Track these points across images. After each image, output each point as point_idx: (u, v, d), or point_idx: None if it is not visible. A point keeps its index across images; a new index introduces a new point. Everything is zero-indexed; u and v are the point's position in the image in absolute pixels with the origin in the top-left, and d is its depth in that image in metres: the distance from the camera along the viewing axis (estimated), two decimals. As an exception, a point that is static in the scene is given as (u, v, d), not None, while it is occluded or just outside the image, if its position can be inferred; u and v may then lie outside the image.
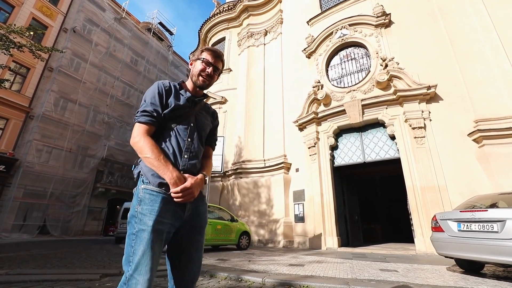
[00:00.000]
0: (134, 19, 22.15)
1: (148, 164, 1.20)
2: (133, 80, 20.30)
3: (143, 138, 1.22)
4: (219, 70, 1.46)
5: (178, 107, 1.33)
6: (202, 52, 1.45)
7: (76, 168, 16.29)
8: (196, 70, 1.41)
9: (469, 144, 6.10)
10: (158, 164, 1.17)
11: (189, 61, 1.53)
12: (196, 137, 1.37)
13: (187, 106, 1.37)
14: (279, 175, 9.11)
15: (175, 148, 1.28)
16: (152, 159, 1.17)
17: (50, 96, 15.14)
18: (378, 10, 8.12)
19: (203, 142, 1.43)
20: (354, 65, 8.53)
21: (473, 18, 6.75)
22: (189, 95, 1.40)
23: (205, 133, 1.46)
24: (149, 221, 1.11)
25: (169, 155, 1.25)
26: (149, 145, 1.20)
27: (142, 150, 1.20)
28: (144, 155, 1.20)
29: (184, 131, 1.34)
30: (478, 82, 6.29)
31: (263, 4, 12.58)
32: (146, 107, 1.28)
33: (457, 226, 3.50)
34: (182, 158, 1.28)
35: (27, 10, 15.32)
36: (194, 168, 1.31)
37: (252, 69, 11.71)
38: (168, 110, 1.31)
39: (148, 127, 1.26)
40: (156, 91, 1.33)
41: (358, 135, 7.92)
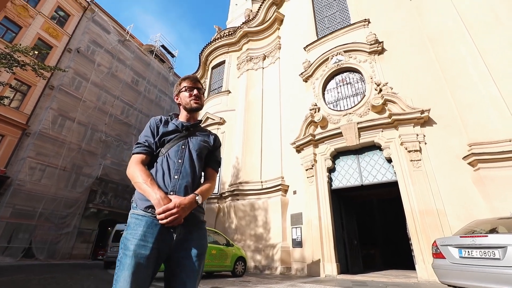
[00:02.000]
0: (137, 42, 22.91)
1: (138, 189, 1.23)
2: (133, 100, 20.56)
3: (135, 165, 1.29)
4: (202, 89, 1.57)
5: (166, 133, 1.40)
6: (180, 83, 1.57)
7: (69, 187, 15.93)
8: (185, 99, 1.51)
9: (465, 167, 6.14)
10: (145, 187, 1.19)
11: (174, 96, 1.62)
12: (188, 158, 1.38)
13: (177, 130, 1.43)
14: (277, 197, 8.99)
15: (165, 170, 1.31)
16: (140, 183, 1.21)
17: (49, 114, 15.20)
18: (371, 38, 8.52)
19: (197, 163, 1.41)
20: (350, 89, 8.77)
21: (460, 46, 7.09)
22: (179, 122, 1.48)
23: (201, 154, 1.45)
24: (131, 245, 1.09)
25: (158, 178, 1.28)
26: (139, 171, 1.25)
27: (133, 176, 1.25)
28: (134, 181, 1.24)
29: (175, 154, 1.37)
30: (469, 107, 6.46)
31: (262, 30, 13.16)
32: (139, 140, 1.39)
33: (458, 252, 3.42)
34: (172, 179, 1.29)
35: (34, 30, 15.82)
36: (186, 189, 1.28)
37: (251, 91, 11.97)
38: (158, 136, 1.39)
39: (141, 156, 1.33)
40: (148, 126, 1.43)
41: (355, 157, 7.95)
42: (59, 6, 17.49)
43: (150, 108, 21.79)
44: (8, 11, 14.79)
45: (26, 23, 15.53)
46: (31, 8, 15.82)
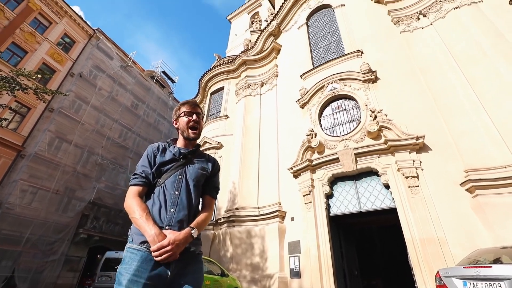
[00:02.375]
0: (139, 67, 23.63)
1: (134, 224, 1.23)
2: (131, 123, 20.71)
3: (132, 199, 1.28)
4: (201, 114, 1.57)
5: (163, 163, 1.39)
6: (180, 108, 1.56)
7: (60, 211, 15.42)
8: (183, 125, 1.50)
9: (463, 194, 6.11)
10: (141, 222, 1.18)
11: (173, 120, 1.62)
12: (185, 189, 1.36)
13: (174, 159, 1.42)
14: (274, 224, 8.76)
15: (162, 202, 1.29)
16: (136, 219, 1.20)
17: (46, 136, 15.15)
18: (365, 68, 8.89)
19: (194, 194, 1.40)
20: (346, 115, 8.97)
21: (450, 76, 7.41)
22: (177, 150, 1.46)
23: (198, 183, 1.44)
24: (124, 280, 1.08)
25: (155, 211, 1.27)
26: (135, 205, 1.24)
27: (129, 210, 1.25)
28: (131, 216, 1.24)
29: (171, 185, 1.35)
30: (462, 134, 6.59)
31: (260, 59, 13.71)
32: (137, 171, 1.38)
33: (463, 284, 3.30)
34: (168, 212, 1.27)
35: (39, 55, 16.31)
36: (181, 222, 1.27)
37: (249, 116, 12.16)
38: (155, 167, 1.38)
39: (139, 188, 1.32)
40: (145, 155, 1.44)
41: (353, 183, 7.91)
42: (66, 34, 18.23)
43: (148, 132, 21.89)
44: (16, 37, 15.35)
45: (32, 48, 16.06)
46: (39, 35, 16.46)
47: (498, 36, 7.10)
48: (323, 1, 12.17)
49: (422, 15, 8.98)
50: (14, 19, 15.36)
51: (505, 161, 5.75)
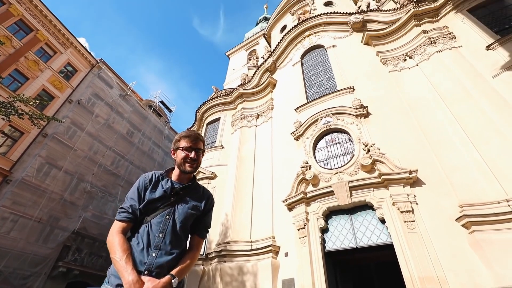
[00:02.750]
0: (137, 97, 24.16)
1: (113, 264, 1.18)
2: (125, 151, 20.57)
3: (115, 236, 1.21)
4: (201, 149, 1.51)
5: (152, 200, 1.31)
6: (179, 140, 1.49)
7: (40, 241, 14.53)
8: (179, 159, 1.45)
9: (460, 230, 6.00)
10: (119, 265, 1.13)
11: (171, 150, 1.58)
12: (170, 232, 1.28)
13: (164, 197, 1.34)
14: (267, 259, 8.34)
15: (145, 243, 1.23)
16: (116, 261, 1.15)
17: (36, 161, 14.84)
18: (357, 103, 9.25)
19: (181, 235, 1.32)
20: (339, 148, 9.10)
21: (438, 112, 7.72)
22: (169, 186, 1.38)
23: (186, 224, 1.36)
24: None
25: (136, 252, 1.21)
26: (118, 245, 1.18)
27: (111, 249, 1.19)
28: (111, 255, 1.18)
29: (156, 226, 1.27)
30: (454, 168, 6.68)
31: (256, 93, 14.21)
32: (125, 204, 1.32)
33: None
34: (149, 255, 1.21)
35: (40, 82, 16.65)
36: (161, 268, 1.19)
37: (244, 147, 12.23)
38: (142, 205, 1.30)
39: (124, 224, 1.26)
40: (136, 186, 1.36)
41: (348, 217, 7.75)
42: (69, 62, 18.86)
43: (141, 160, 21.68)
44: (20, 64, 15.79)
45: (34, 75, 16.45)
46: (42, 63, 16.98)
47: (478, 77, 7.59)
48: (316, 42, 13.05)
49: (408, 57, 9.64)
50: (20, 48, 15.93)
51: (498, 197, 5.77)
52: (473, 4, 9.07)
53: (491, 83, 7.30)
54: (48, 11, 17.43)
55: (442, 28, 9.34)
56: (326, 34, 12.95)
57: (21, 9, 16.23)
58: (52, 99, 17.11)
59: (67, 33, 18.62)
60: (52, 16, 17.69)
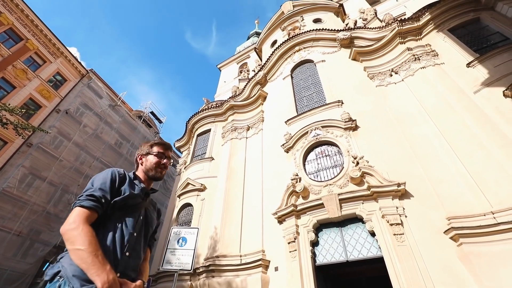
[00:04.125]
0: (127, 107, 23.91)
1: (77, 259, 0.92)
2: (113, 161, 20.12)
3: (82, 225, 0.99)
4: (171, 159, 1.52)
5: (132, 196, 1.23)
6: (153, 146, 1.49)
7: (19, 256, 13.78)
8: (150, 164, 1.43)
9: (449, 242, 6.03)
10: (93, 260, 0.90)
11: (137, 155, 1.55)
12: (142, 234, 1.24)
13: (140, 196, 1.29)
14: (257, 274, 8.12)
15: (117, 242, 1.08)
16: (87, 253, 0.91)
17: (19, 172, 14.29)
18: (346, 117, 9.42)
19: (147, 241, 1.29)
20: (329, 161, 9.16)
21: (424, 126, 7.94)
22: (143, 186, 1.36)
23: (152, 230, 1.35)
24: None
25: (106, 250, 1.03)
26: (87, 235, 0.96)
27: (76, 239, 0.94)
28: (75, 247, 0.93)
29: (132, 223, 1.18)
30: (441, 181, 6.81)
31: (247, 105, 14.32)
32: (94, 192, 1.14)
33: None
34: (123, 255, 1.07)
35: (27, 91, 16.30)
36: (134, 271, 1.11)
37: (234, 158, 12.17)
38: (121, 198, 1.19)
39: (91, 213, 1.07)
40: (109, 177, 1.22)
41: (339, 230, 7.71)
42: (58, 72, 18.62)
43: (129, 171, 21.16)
44: (7, 72, 15.48)
45: (21, 84, 16.11)
46: (31, 72, 16.69)
47: (460, 93, 7.89)
48: (306, 57, 13.39)
49: (394, 72, 9.98)
50: (8, 56, 15.67)
51: (483, 209, 5.87)
52: (453, 24, 9.57)
53: (473, 98, 7.60)
54: (39, 21, 17.34)
55: (425, 45, 9.77)
56: (315, 50, 13.32)
57: (11, 18, 16.09)
58: (39, 108, 16.73)
59: (57, 42, 18.49)
60: (43, 26, 17.59)
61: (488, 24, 8.96)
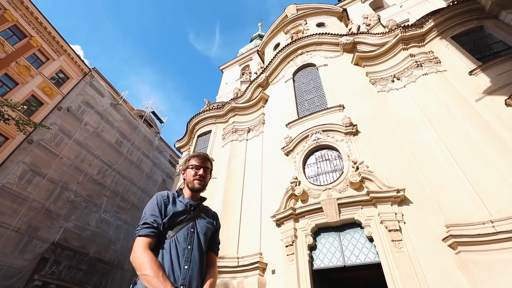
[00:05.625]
0: (129, 106, 23.98)
1: (145, 282, 1.08)
2: (112, 160, 20.14)
3: (144, 253, 1.15)
4: (209, 169, 1.57)
5: (177, 213, 1.33)
6: (189, 160, 1.57)
7: (17, 252, 13.77)
8: (189, 177, 1.51)
9: (447, 250, 6.00)
10: (156, 282, 1.05)
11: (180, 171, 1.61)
12: (197, 244, 1.30)
13: (186, 211, 1.37)
14: (254, 277, 8.09)
15: (174, 257, 1.20)
16: (151, 277, 1.06)
17: (19, 168, 14.31)
18: (346, 121, 9.42)
19: (204, 248, 1.35)
20: (329, 165, 9.15)
21: (425, 132, 7.94)
22: (188, 200, 1.44)
23: (207, 237, 1.40)
24: None
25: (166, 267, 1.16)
26: (149, 261, 1.11)
27: (141, 266, 1.10)
28: (142, 272, 1.09)
29: (184, 238, 1.28)
30: (441, 188, 6.79)
31: (248, 107, 14.34)
32: (147, 219, 1.26)
33: None
34: (182, 269, 1.18)
35: (29, 87, 16.37)
36: (195, 281, 1.19)
37: (234, 160, 12.17)
38: (168, 218, 1.30)
39: (150, 239, 1.21)
40: (155, 202, 1.33)
41: (337, 235, 7.68)
42: (61, 70, 18.71)
43: (129, 170, 21.22)
44: (10, 69, 15.56)
45: (24, 81, 16.19)
46: (33, 69, 16.77)
47: (462, 100, 7.90)
48: (308, 61, 13.42)
49: (396, 78, 9.99)
50: (12, 53, 15.76)
51: (482, 217, 5.86)
52: (456, 32, 9.59)
53: (474, 106, 7.60)
54: (43, 18, 17.45)
55: (428, 52, 9.79)
56: (318, 54, 13.36)
57: (16, 15, 16.19)
58: (41, 105, 16.79)
59: (61, 40, 18.59)
60: (47, 23, 17.70)
61: (492, 33, 8.97)
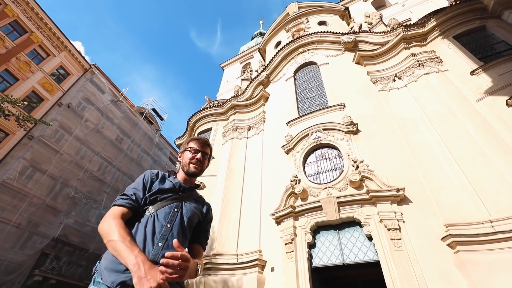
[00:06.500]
0: (129, 103, 23.94)
1: (110, 249, 0.99)
2: (113, 157, 20.15)
3: (111, 219, 1.06)
4: (208, 155, 1.49)
5: (162, 190, 1.28)
6: (189, 142, 1.50)
7: (17, 248, 13.83)
8: (186, 160, 1.44)
9: (446, 249, 6.02)
10: (121, 247, 0.94)
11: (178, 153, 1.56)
12: (178, 224, 1.22)
13: (173, 190, 1.32)
14: (253, 274, 8.13)
15: (148, 233, 1.11)
16: (115, 242, 0.97)
17: (19, 164, 14.33)
18: (347, 120, 9.41)
19: (187, 233, 1.26)
20: (329, 163, 9.16)
21: (425, 132, 7.93)
22: (177, 181, 1.37)
23: (192, 222, 1.32)
24: None
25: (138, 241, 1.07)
26: (116, 227, 1.02)
27: (107, 232, 1.02)
28: (108, 239, 1.00)
29: (164, 216, 1.20)
30: (440, 188, 6.80)
31: (249, 105, 14.33)
32: (127, 191, 1.24)
33: None
34: (155, 246, 1.09)
35: (30, 83, 16.34)
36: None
37: (234, 158, 12.18)
38: (151, 193, 1.25)
39: (124, 209, 1.15)
40: (142, 178, 1.31)
41: (336, 233, 7.71)
42: (61, 66, 18.67)
43: (129, 167, 21.24)
44: (11, 64, 15.52)
45: (24, 76, 16.16)
46: (34, 65, 16.74)
47: (463, 100, 7.89)
48: (309, 59, 13.39)
49: (397, 78, 9.97)
50: (12, 48, 15.71)
51: (482, 217, 5.87)
52: (458, 32, 9.55)
53: (475, 106, 7.59)
54: (44, 14, 17.38)
55: (430, 52, 9.76)
56: (319, 52, 13.32)
57: (16, 11, 16.13)
58: (41, 101, 16.78)
59: (61, 36, 18.52)
60: (48, 19, 17.63)
61: (494, 33, 8.94)
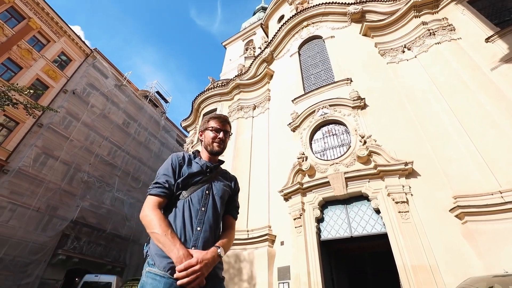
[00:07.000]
0: (133, 87, 23.84)
1: (155, 241, 1.11)
2: (121, 141, 20.46)
3: (152, 211, 1.16)
4: (229, 132, 1.51)
5: (191, 174, 1.31)
6: (209, 121, 1.50)
7: (39, 230, 14.61)
8: (208, 139, 1.45)
9: (453, 220, 6.12)
10: (165, 240, 1.06)
11: (198, 132, 1.57)
12: (211, 206, 1.28)
13: (202, 172, 1.34)
14: (263, 248, 8.48)
15: (187, 218, 1.19)
16: (159, 235, 1.08)
17: (32, 151, 14.74)
18: (354, 95, 9.22)
19: (220, 212, 1.32)
20: (336, 140, 9.13)
21: (435, 105, 7.74)
22: (204, 162, 1.40)
23: (223, 200, 1.37)
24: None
25: (178, 228, 1.16)
26: (157, 219, 1.12)
27: (150, 224, 1.12)
28: (151, 230, 1.11)
29: (198, 200, 1.26)
30: (449, 160, 6.76)
31: (253, 83, 14.09)
32: (159, 179, 1.26)
33: (455, 314, 3.20)
34: (194, 231, 1.17)
35: (34, 71, 16.33)
36: (207, 243, 1.19)
37: (240, 138, 12.23)
38: (182, 178, 1.28)
39: (160, 199, 1.21)
40: (170, 163, 1.32)
41: (344, 207, 7.86)
42: (63, 52, 18.49)
43: (138, 150, 21.61)
44: (13, 53, 15.45)
45: (27, 64, 16.12)
46: (35, 52, 16.61)
47: (476, 69, 7.58)
48: (314, 33, 12.88)
49: (407, 49, 9.57)
50: (12, 36, 15.55)
51: (491, 188, 5.87)
52: (474, -5, 8.96)
53: (489, 75, 7.29)
54: (40, -2, 16.93)
55: (442, 19, 9.24)
56: (324, 25, 12.78)
57: (12, -5, 15.74)
58: (46, 88, 16.84)
59: (60, 21, 18.16)
60: (45, 3, 17.21)
61: (512, -6, 8.36)
